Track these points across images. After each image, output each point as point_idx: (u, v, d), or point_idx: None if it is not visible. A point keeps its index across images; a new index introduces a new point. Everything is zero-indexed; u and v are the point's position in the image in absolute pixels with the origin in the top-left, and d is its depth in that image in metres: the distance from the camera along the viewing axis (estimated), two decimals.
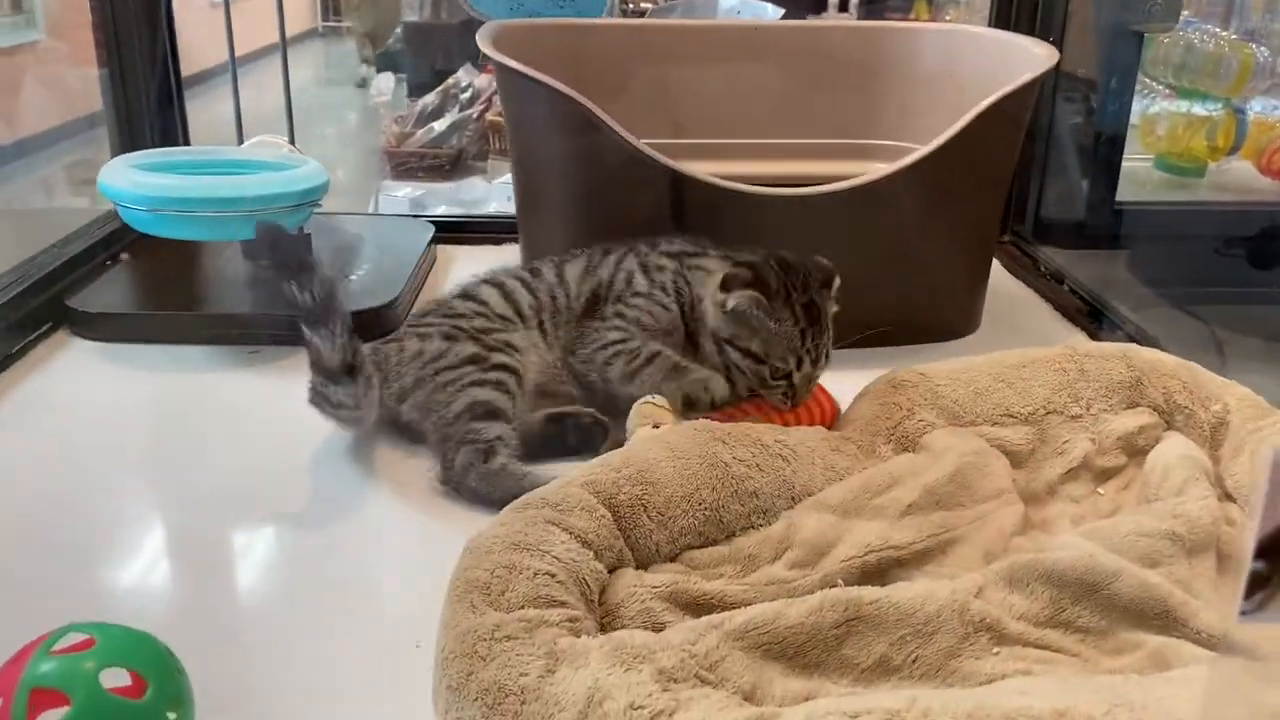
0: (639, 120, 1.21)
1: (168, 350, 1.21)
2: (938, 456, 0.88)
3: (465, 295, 1.09)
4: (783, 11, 2.24)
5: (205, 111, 1.85)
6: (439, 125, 2.94)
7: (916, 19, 4.36)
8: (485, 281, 1.11)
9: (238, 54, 1.45)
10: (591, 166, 1.18)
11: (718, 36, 1.54)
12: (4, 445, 1.04)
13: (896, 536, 0.80)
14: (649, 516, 0.79)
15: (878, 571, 0.79)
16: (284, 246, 0.96)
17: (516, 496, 0.78)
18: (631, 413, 0.97)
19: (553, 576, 0.70)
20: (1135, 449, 0.93)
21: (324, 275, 0.94)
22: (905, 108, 1.56)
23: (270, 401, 1.12)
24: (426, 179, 2.78)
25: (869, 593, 0.71)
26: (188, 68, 1.53)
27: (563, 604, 0.68)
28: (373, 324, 1.21)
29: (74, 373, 1.18)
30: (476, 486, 0.93)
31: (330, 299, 0.93)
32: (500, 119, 2.82)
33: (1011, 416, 0.95)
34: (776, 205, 1.18)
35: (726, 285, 0.99)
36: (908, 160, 1.18)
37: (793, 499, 0.84)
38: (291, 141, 1.38)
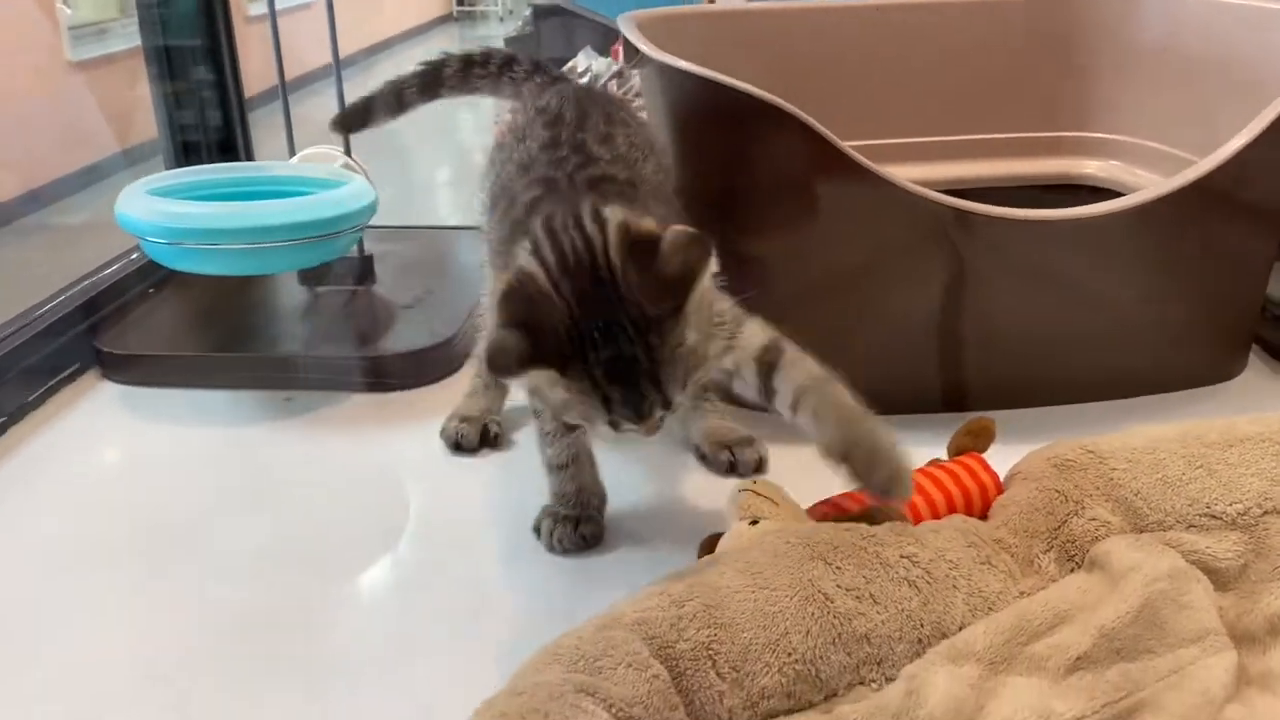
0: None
1: (198, 395, 1.06)
2: (1117, 581, 0.66)
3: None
4: None
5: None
6: None
7: None
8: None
9: (350, 51, 1.28)
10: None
11: (881, 19, 1.31)
12: (16, 507, 0.92)
13: (1061, 706, 0.59)
14: (719, 673, 0.59)
15: None
16: None
17: None
18: (728, 500, 0.78)
19: None
20: None
21: None
22: (1115, 92, 1.31)
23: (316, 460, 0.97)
24: None
25: None
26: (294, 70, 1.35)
27: None
28: (412, 368, 1.05)
29: (97, 423, 1.05)
30: None
31: None
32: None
33: (1215, 518, 0.71)
34: (1051, 230, 0.96)
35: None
36: (1196, 171, 0.94)
37: (920, 642, 0.63)
38: (347, 152, 1.21)
